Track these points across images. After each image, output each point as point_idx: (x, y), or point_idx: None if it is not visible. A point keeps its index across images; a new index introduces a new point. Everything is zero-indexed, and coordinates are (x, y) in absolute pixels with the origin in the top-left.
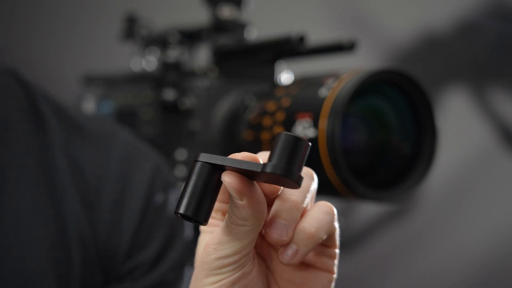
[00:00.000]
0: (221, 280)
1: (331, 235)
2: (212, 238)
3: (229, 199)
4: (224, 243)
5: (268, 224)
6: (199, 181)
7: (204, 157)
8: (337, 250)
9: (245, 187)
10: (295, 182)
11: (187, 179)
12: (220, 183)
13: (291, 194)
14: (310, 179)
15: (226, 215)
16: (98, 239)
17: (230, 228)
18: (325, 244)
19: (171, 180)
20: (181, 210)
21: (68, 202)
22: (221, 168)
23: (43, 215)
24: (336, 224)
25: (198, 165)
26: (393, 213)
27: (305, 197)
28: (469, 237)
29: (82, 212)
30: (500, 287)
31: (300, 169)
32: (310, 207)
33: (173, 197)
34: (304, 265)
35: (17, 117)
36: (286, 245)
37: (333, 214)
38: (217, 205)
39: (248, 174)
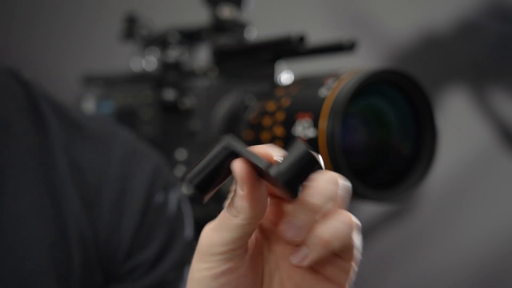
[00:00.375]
0: (208, 268)
1: (348, 248)
2: (210, 223)
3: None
4: (214, 230)
5: (284, 222)
6: (214, 160)
7: (226, 141)
8: (353, 264)
9: (250, 178)
10: (292, 196)
11: (204, 155)
12: (230, 169)
13: (311, 196)
14: (334, 185)
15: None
16: (98, 239)
17: (224, 217)
18: (341, 256)
19: (171, 180)
20: (187, 177)
21: (68, 202)
22: (238, 156)
23: (43, 215)
24: (356, 238)
25: (219, 146)
26: (393, 213)
27: (326, 202)
28: (469, 237)
29: (82, 212)
30: (500, 287)
31: (302, 187)
32: (331, 213)
33: (173, 197)
34: (315, 272)
35: (17, 117)
36: (299, 246)
37: (352, 226)
38: None
39: (260, 170)
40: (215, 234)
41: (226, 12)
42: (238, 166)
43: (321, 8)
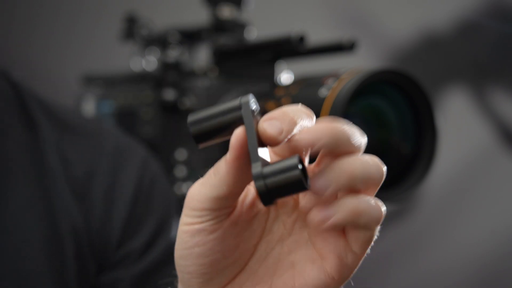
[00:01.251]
0: (187, 224)
1: (366, 235)
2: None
3: None
4: (199, 184)
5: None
6: (222, 117)
7: (243, 106)
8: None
9: (240, 150)
10: (262, 203)
11: (217, 106)
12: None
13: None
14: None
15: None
16: (90, 230)
17: (208, 173)
18: (351, 235)
19: (158, 172)
20: (190, 119)
21: (60, 197)
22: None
23: (36, 212)
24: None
25: (233, 106)
26: (393, 213)
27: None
28: (469, 237)
29: (74, 205)
30: (500, 287)
31: (276, 200)
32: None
33: (161, 188)
34: (311, 247)
35: (8, 117)
36: (324, 206)
37: (380, 216)
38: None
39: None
40: (197, 187)
41: (226, 12)
42: (236, 134)
43: (321, 8)
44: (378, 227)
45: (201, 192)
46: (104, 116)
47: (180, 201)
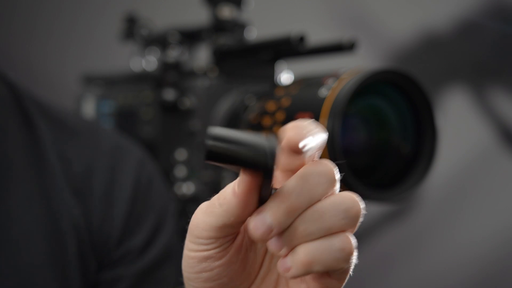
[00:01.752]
0: (193, 250)
1: (336, 271)
2: (204, 202)
3: None
4: (202, 211)
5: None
6: (247, 148)
7: (274, 155)
8: (341, 285)
9: (250, 188)
10: None
11: (245, 133)
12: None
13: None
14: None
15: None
16: (90, 227)
17: (212, 202)
18: (329, 275)
19: (154, 171)
20: (212, 132)
21: (60, 195)
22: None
23: (37, 210)
24: (349, 263)
25: (263, 143)
26: (393, 213)
27: (307, 202)
28: (469, 237)
29: (74, 203)
30: (500, 287)
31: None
32: (333, 232)
33: (158, 187)
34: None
35: (6, 116)
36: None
37: (347, 253)
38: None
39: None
40: (201, 216)
41: (226, 12)
42: (253, 180)
43: (321, 8)
44: (352, 261)
45: (205, 221)
46: (104, 116)
47: (179, 201)
